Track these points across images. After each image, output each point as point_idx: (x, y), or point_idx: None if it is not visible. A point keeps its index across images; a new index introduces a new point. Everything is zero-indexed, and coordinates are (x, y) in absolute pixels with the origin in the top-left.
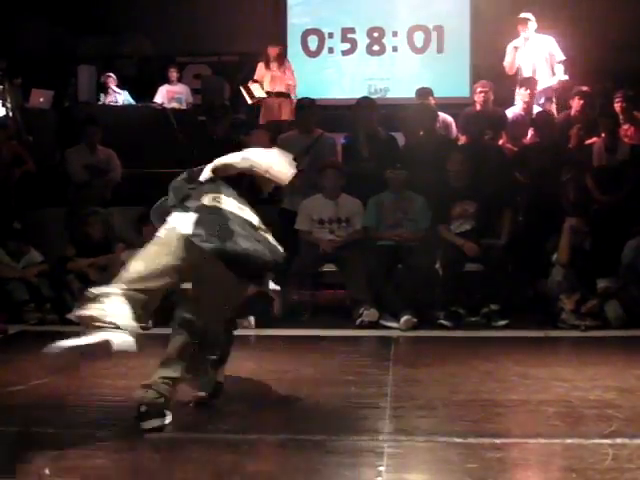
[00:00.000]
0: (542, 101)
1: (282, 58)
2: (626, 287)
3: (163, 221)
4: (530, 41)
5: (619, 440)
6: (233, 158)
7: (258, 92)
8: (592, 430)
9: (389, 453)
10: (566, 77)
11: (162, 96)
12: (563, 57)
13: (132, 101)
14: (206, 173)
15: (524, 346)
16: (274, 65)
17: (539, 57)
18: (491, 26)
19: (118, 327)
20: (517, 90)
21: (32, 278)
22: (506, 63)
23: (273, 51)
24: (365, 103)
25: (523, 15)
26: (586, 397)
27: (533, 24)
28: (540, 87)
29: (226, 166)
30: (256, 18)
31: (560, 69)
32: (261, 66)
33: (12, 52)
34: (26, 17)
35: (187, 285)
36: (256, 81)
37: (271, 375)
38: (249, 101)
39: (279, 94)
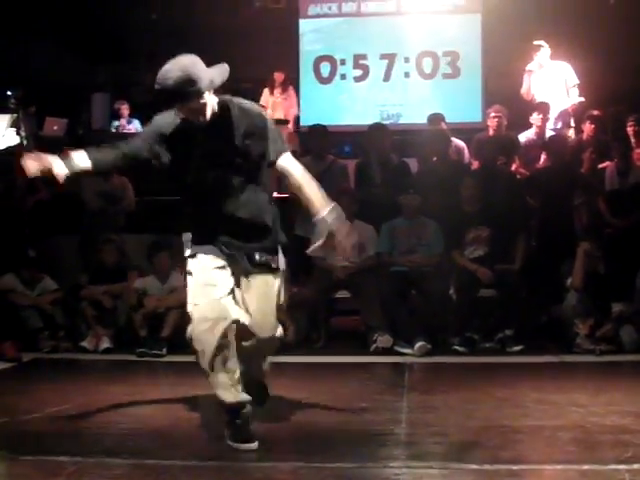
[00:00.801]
0: (559, 126)
1: (286, 84)
2: None
3: None
4: (545, 68)
5: (636, 466)
6: None
7: None
8: (609, 456)
9: None
10: (582, 99)
11: None
12: (577, 81)
13: None
14: None
15: (539, 371)
16: (277, 91)
17: (554, 83)
18: (503, 51)
19: None
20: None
21: (46, 306)
22: (523, 90)
23: (279, 77)
24: (377, 129)
25: (536, 42)
26: (602, 423)
27: (546, 50)
28: (556, 112)
29: None
30: (269, 45)
31: (575, 92)
32: (266, 92)
33: (26, 80)
34: (40, 46)
35: None
36: (262, 107)
37: (285, 402)
38: None
39: (277, 121)
